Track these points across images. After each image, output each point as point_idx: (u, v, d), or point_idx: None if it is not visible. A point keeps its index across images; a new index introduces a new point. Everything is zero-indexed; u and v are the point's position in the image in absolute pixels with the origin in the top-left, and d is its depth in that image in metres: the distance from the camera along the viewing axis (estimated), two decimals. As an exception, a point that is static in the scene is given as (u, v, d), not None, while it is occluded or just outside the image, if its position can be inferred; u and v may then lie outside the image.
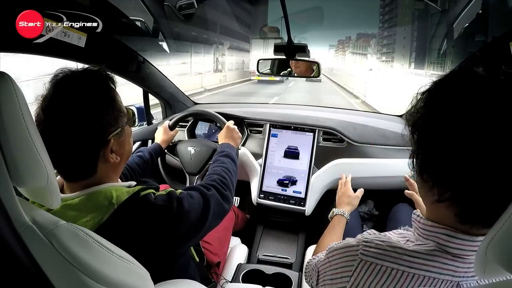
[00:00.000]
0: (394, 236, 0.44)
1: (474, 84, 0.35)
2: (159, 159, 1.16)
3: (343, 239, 0.54)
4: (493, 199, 0.33)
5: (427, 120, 0.38)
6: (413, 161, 0.41)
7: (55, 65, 0.59)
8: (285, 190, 1.25)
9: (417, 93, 0.40)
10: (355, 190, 0.97)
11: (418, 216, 0.44)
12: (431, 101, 0.39)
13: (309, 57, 1.02)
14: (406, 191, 0.80)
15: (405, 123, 0.42)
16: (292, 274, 1.01)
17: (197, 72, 12.31)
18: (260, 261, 1.16)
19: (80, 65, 0.60)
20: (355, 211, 0.98)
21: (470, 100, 0.34)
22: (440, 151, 0.36)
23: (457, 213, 0.37)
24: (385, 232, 0.46)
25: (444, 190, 0.36)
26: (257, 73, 1.23)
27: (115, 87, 0.60)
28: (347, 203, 0.92)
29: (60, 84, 0.54)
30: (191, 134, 1.44)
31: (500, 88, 0.34)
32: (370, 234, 0.46)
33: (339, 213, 0.87)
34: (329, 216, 0.89)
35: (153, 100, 1.49)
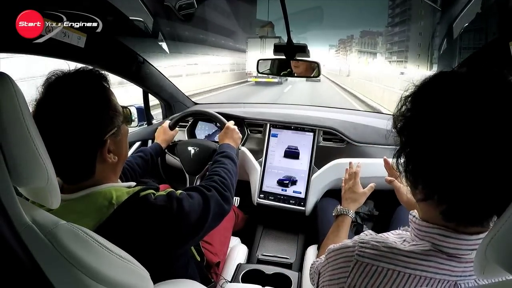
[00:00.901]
0: (392, 236, 0.45)
1: (455, 84, 0.36)
2: (159, 159, 1.16)
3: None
4: (478, 197, 0.34)
5: (411, 123, 0.39)
6: (397, 162, 0.42)
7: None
8: (285, 190, 1.25)
9: (401, 97, 0.41)
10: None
11: (414, 216, 0.44)
12: (415, 104, 0.39)
13: (309, 57, 1.03)
14: (386, 177, 0.75)
15: (392, 125, 0.42)
16: (292, 274, 1.01)
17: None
18: (260, 261, 1.16)
19: (75, 66, 0.59)
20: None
21: (451, 100, 0.35)
22: (424, 153, 0.37)
23: (441, 211, 0.37)
24: (383, 233, 0.46)
25: (429, 189, 0.37)
26: (253, 74, 1.23)
27: (110, 86, 0.59)
28: (353, 200, 0.85)
29: (53, 86, 0.54)
30: (191, 134, 1.44)
31: (480, 86, 0.34)
32: (367, 235, 0.46)
33: (343, 212, 0.82)
34: (333, 213, 0.86)
35: (153, 100, 1.49)
